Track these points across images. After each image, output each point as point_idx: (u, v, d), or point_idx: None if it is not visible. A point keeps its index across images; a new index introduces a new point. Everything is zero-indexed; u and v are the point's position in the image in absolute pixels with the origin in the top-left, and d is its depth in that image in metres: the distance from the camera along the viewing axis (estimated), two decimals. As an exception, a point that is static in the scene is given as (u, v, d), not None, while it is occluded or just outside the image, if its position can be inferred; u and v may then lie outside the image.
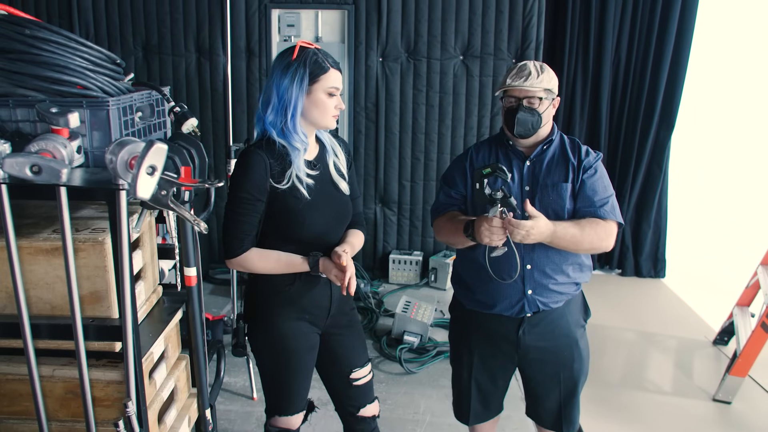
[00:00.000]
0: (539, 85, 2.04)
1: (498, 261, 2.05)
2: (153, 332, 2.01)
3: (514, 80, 2.05)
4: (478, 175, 1.94)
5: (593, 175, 2.09)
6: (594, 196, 2.07)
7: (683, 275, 5.44)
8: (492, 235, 1.93)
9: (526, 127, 2.06)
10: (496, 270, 2.07)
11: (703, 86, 5.85)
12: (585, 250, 2.10)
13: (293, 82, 1.85)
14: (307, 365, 2.11)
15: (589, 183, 2.08)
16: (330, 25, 4.78)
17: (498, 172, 1.93)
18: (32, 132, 1.74)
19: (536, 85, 2.03)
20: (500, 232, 1.92)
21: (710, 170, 6.98)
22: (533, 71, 2.05)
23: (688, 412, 3.36)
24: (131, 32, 4.81)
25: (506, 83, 2.07)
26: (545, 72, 2.07)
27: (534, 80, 2.03)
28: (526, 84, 2.03)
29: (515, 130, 2.06)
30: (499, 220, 1.91)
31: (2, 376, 1.92)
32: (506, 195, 1.92)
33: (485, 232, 1.93)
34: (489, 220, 1.92)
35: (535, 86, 2.03)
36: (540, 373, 2.23)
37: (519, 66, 2.08)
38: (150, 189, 1.53)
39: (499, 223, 1.92)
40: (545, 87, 2.05)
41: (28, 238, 1.79)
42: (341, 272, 1.90)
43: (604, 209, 2.07)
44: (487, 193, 1.92)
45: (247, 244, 1.93)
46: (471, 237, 2.01)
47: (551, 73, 2.10)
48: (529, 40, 4.70)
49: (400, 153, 4.99)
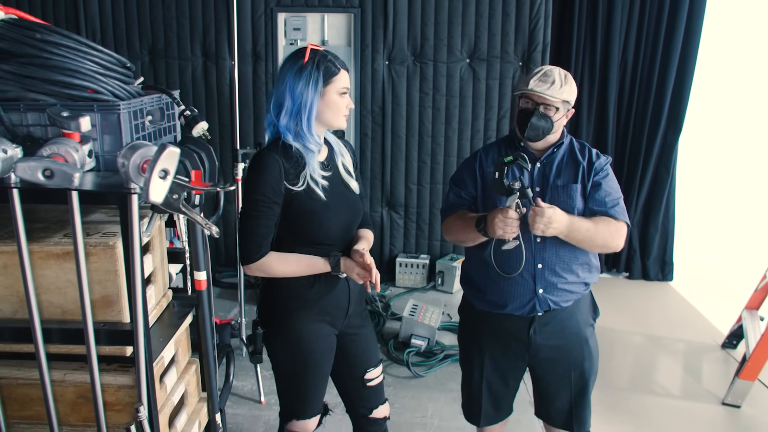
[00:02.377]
0: (559, 95, 2.04)
1: (503, 256, 2.06)
2: (164, 336, 2.00)
3: (537, 85, 2.04)
4: (500, 164, 1.95)
5: (605, 177, 2.11)
6: (606, 198, 2.09)
7: (691, 278, 5.41)
8: (506, 227, 1.94)
9: (536, 132, 2.07)
10: (501, 265, 2.09)
11: (710, 88, 5.83)
12: (598, 247, 2.10)
13: (308, 84, 1.86)
14: (325, 368, 2.11)
15: (601, 185, 2.10)
16: (336, 28, 4.78)
17: (520, 161, 1.95)
18: (43, 136, 1.74)
19: (557, 95, 2.03)
20: (515, 224, 1.93)
21: (718, 172, 6.95)
22: (558, 81, 2.04)
23: (697, 416, 3.34)
24: (138, 37, 4.82)
25: (529, 86, 2.05)
26: (568, 84, 2.07)
27: (556, 90, 2.03)
28: (548, 92, 2.03)
29: (526, 133, 2.07)
30: (515, 212, 1.92)
31: (13, 381, 1.92)
32: (524, 186, 1.93)
33: (499, 224, 1.94)
34: (504, 211, 1.93)
35: (555, 96, 2.03)
36: (551, 373, 2.24)
37: (545, 71, 2.07)
38: (162, 193, 1.53)
39: (515, 214, 1.93)
40: (564, 98, 2.06)
41: (40, 243, 1.79)
42: (364, 270, 1.91)
43: (616, 209, 2.09)
44: (506, 184, 1.93)
45: (265, 248, 1.92)
46: (483, 231, 2.02)
47: (573, 86, 2.09)
48: (536, 43, 4.69)
49: (407, 156, 4.98)
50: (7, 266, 1.80)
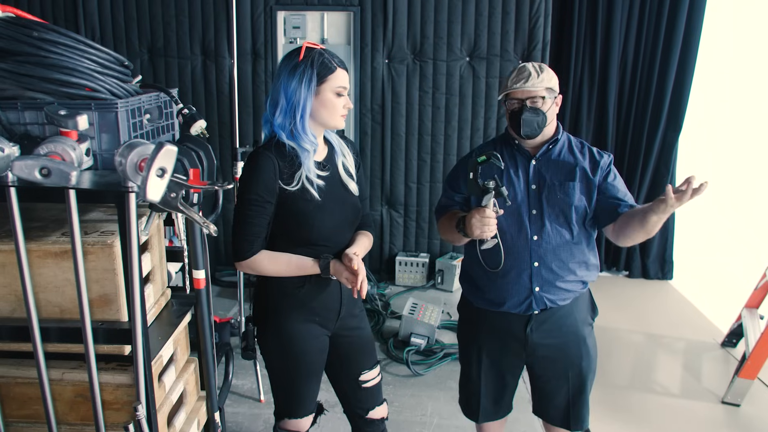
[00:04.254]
0: (540, 85, 2.05)
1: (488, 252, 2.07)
2: (162, 335, 2.00)
3: (515, 82, 2.07)
4: (473, 164, 1.98)
5: (615, 177, 2.13)
6: (625, 196, 2.11)
7: (691, 277, 5.41)
8: (483, 227, 1.94)
9: (532, 128, 2.07)
10: (485, 260, 2.11)
11: (711, 86, 5.82)
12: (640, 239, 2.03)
13: (301, 83, 1.84)
14: (316, 367, 2.10)
15: (614, 184, 2.12)
16: (336, 26, 4.78)
17: (493, 159, 1.97)
18: (41, 135, 1.74)
19: (537, 85, 2.05)
20: (492, 223, 1.94)
21: (718, 171, 6.94)
22: (533, 72, 2.06)
23: (696, 415, 3.34)
24: (137, 35, 4.82)
25: (508, 86, 2.09)
26: (545, 71, 2.09)
27: (535, 80, 2.05)
28: (527, 85, 2.04)
29: (522, 131, 2.07)
30: (492, 211, 1.93)
31: (12, 380, 1.92)
32: (498, 185, 1.94)
33: (476, 224, 1.95)
34: (481, 211, 1.94)
35: (536, 86, 2.05)
36: (548, 371, 2.24)
37: (518, 69, 2.10)
38: (160, 191, 1.53)
39: (492, 213, 1.94)
40: (546, 86, 2.07)
41: (37, 242, 1.79)
42: (352, 275, 1.89)
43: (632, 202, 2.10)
44: (481, 183, 1.95)
45: (257, 247, 1.91)
46: (462, 232, 2.03)
47: (551, 72, 2.11)
48: (536, 41, 4.68)
49: (407, 155, 4.98)
50: (5, 265, 1.80)
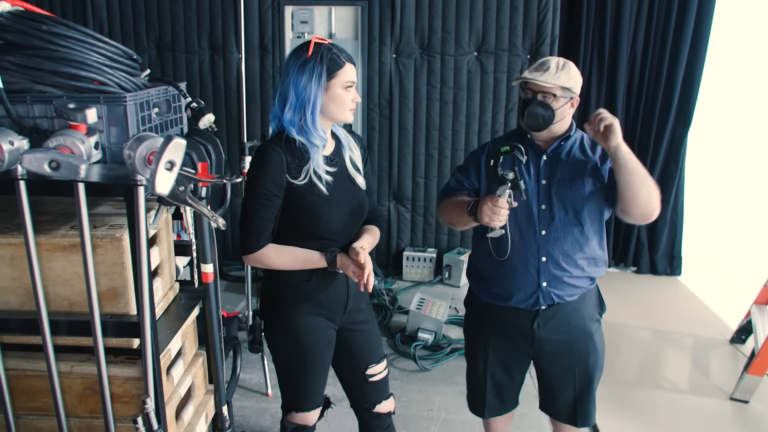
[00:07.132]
0: (555, 81, 2.01)
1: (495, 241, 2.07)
2: (170, 329, 2.01)
3: (531, 73, 2.05)
4: (495, 152, 1.96)
5: None
6: None
7: (699, 273, 5.38)
8: (493, 215, 1.92)
9: (536, 121, 2.05)
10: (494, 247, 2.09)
11: (721, 81, 5.78)
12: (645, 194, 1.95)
13: (311, 79, 1.84)
14: (323, 361, 2.10)
15: None
16: (343, 21, 4.77)
17: (516, 152, 1.96)
18: (50, 128, 1.74)
19: (551, 81, 2.01)
20: (503, 213, 1.92)
21: (727, 166, 6.91)
22: (552, 67, 2.03)
23: (704, 411, 3.33)
24: (145, 29, 4.82)
25: (523, 74, 2.08)
26: (566, 70, 2.05)
27: (550, 76, 2.01)
28: (540, 78, 2.01)
29: (525, 121, 2.07)
30: (505, 202, 1.91)
31: (21, 372, 1.93)
32: (517, 177, 1.92)
33: (487, 212, 1.93)
34: (494, 199, 1.92)
35: (549, 82, 2.01)
36: (555, 367, 2.23)
37: (542, 60, 2.07)
38: (168, 185, 1.53)
39: (505, 204, 1.92)
40: (562, 84, 2.02)
41: (46, 235, 1.80)
42: (359, 269, 1.89)
43: None
44: (500, 173, 1.92)
45: (264, 240, 1.91)
46: (474, 216, 2.00)
47: (572, 72, 2.06)
48: (544, 36, 4.66)
49: (414, 150, 4.97)
50: (15, 258, 1.80)
